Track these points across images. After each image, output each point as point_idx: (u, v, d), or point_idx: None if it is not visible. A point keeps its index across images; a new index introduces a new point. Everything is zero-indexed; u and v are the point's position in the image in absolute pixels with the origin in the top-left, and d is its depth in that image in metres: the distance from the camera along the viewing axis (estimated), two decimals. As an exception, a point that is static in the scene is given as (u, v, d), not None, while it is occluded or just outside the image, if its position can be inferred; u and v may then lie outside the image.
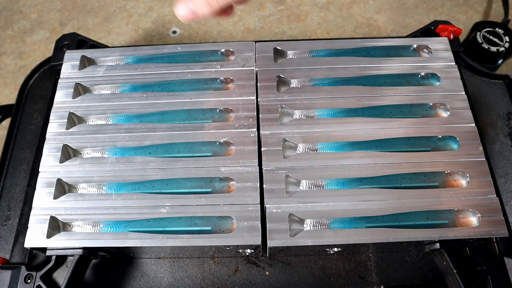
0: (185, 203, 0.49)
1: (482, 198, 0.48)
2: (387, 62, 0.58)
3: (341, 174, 0.50)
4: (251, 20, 0.84)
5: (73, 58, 0.60)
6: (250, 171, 0.50)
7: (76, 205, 0.49)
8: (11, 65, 0.81)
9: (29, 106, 0.63)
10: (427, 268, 0.51)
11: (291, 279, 0.51)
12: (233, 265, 0.52)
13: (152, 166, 0.51)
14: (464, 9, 0.84)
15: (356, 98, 0.55)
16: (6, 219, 0.55)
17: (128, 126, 0.54)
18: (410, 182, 0.51)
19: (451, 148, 0.53)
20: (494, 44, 0.63)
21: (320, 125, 0.53)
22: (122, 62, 0.61)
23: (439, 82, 0.57)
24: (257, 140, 0.52)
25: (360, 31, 0.82)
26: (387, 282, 0.51)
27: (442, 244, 0.47)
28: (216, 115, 0.56)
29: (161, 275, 0.52)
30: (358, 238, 0.46)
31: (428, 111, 0.55)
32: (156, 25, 0.84)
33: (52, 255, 0.49)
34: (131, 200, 0.49)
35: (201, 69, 0.58)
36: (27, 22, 0.86)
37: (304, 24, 0.83)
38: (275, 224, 0.47)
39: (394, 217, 0.48)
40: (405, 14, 0.84)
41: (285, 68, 0.58)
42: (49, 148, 0.53)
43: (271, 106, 0.54)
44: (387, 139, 0.53)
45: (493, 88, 0.62)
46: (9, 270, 0.49)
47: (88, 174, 0.51)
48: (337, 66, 0.58)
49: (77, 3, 0.88)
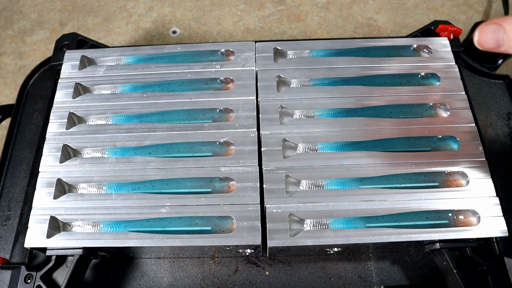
0: (185, 203, 0.49)
1: (482, 198, 0.48)
2: (387, 62, 0.58)
3: (341, 174, 0.50)
4: (251, 20, 0.84)
5: (73, 58, 0.60)
6: (250, 171, 0.50)
7: (76, 205, 0.49)
8: (11, 65, 0.81)
9: (29, 106, 0.63)
10: (427, 268, 0.51)
11: (291, 279, 0.51)
12: (233, 265, 0.52)
13: (152, 166, 0.51)
14: (464, 9, 0.84)
15: (356, 98, 0.55)
16: (6, 219, 0.55)
17: (128, 126, 0.54)
18: (410, 182, 0.51)
19: (451, 148, 0.53)
20: (494, 44, 0.63)
21: (320, 125, 0.53)
22: (122, 62, 0.61)
23: (439, 82, 0.57)
24: (257, 140, 0.52)
25: (360, 31, 0.82)
26: (387, 282, 0.51)
27: (442, 244, 0.47)
28: (216, 115, 0.56)
29: (161, 275, 0.52)
30: (358, 238, 0.46)
31: (428, 111, 0.55)
32: (156, 25, 0.84)
33: (52, 255, 0.49)
34: (131, 200, 0.49)
35: (201, 69, 0.58)
36: (27, 22, 0.86)
37: (304, 24, 0.83)
38: (275, 224, 0.47)
39: (394, 217, 0.48)
40: (405, 14, 0.84)
41: (285, 68, 0.58)
42: (49, 148, 0.53)
43: (271, 106, 0.54)
44: (387, 139, 0.53)
45: (493, 88, 0.62)
46: (9, 270, 0.49)
47: (88, 174, 0.51)
48: (337, 66, 0.58)
49: (77, 3, 0.88)
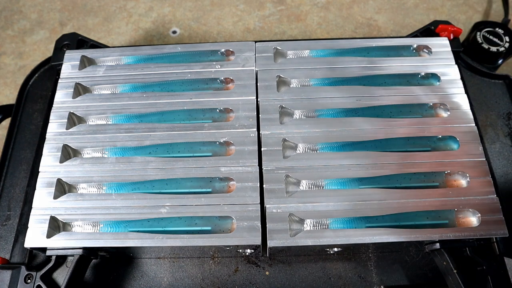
0: (185, 203, 0.49)
1: (482, 198, 0.48)
2: (387, 62, 0.58)
3: (341, 174, 0.50)
4: (251, 20, 0.84)
5: (73, 58, 0.60)
6: (250, 171, 0.50)
7: (76, 205, 0.49)
8: (11, 65, 0.81)
9: (29, 106, 0.63)
10: (427, 268, 0.51)
11: (291, 279, 0.51)
12: (233, 265, 0.52)
13: (152, 166, 0.51)
14: (464, 9, 0.84)
15: (356, 98, 0.55)
16: (6, 219, 0.55)
17: (128, 126, 0.54)
18: (410, 182, 0.51)
19: (451, 148, 0.53)
20: (494, 44, 0.63)
21: (320, 125, 0.53)
22: (122, 62, 0.61)
23: (439, 82, 0.57)
24: (257, 140, 0.52)
25: (360, 31, 0.82)
26: (387, 282, 0.50)
27: (442, 244, 0.47)
28: (216, 115, 0.56)
29: (161, 275, 0.52)
30: (358, 238, 0.46)
31: (428, 111, 0.55)
32: (156, 25, 0.84)
33: (52, 255, 0.49)
34: (131, 200, 0.49)
35: (201, 69, 0.58)
36: (27, 22, 0.86)
37: (304, 24, 0.83)
38: (275, 224, 0.47)
39: (394, 217, 0.48)
40: (405, 14, 0.84)
41: (285, 68, 0.58)
42: (49, 148, 0.53)
43: (271, 106, 0.54)
44: (387, 139, 0.53)
45: (493, 88, 0.62)
46: (9, 270, 0.49)
47: (88, 174, 0.51)
48: (337, 66, 0.58)
49: (77, 3, 0.88)
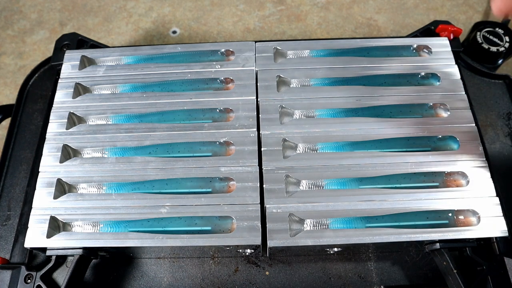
0: (185, 203, 0.49)
1: (482, 198, 0.48)
2: (387, 62, 0.58)
3: (341, 174, 0.50)
4: (251, 20, 0.84)
5: (73, 58, 0.60)
6: (250, 171, 0.50)
7: (76, 205, 0.49)
8: (11, 65, 0.81)
9: (29, 106, 0.63)
10: (427, 268, 0.51)
11: (291, 279, 0.51)
12: (233, 265, 0.52)
13: (152, 166, 0.51)
14: (464, 9, 0.84)
15: (356, 98, 0.55)
16: (6, 219, 0.55)
17: (128, 126, 0.54)
18: (410, 182, 0.51)
19: (451, 148, 0.53)
20: (494, 44, 0.63)
21: (320, 125, 0.53)
22: (122, 62, 0.61)
23: (439, 82, 0.57)
24: (257, 140, 0.52)
25: (360, 31, 0.82)
26: (387, 282, 0.50)
27: (442, 244, 0.47)
28: (216, 115, 0.56)
29: (161, 275, 0.52)
30: (358, 238, 0.46)
31: (428, 111, 0.55)
32: (156, 25, 0.84)
33: (52, 255, 0.49)
34: (131, 200, 0.49)
35: (201, 69, 0.58)
36: (27, 22, 0.86)
37: (304, 24, 0.83)
38: (275, 224, 0.47)
39: (394, 217, 0.48)
40: (405, 14, 0.84)
41: (285, 68, 0.58)
42: (49, 148, 0.53)
43: (271, 106, 0.54)
44: (387, 139, 0.53)
45: (493, 88, 0.62)
46: (9, 270, 0.49)
47: (88, 174, 0.51)
48: (337, 66, 0.58)
49: (77, 3, 0.88)
